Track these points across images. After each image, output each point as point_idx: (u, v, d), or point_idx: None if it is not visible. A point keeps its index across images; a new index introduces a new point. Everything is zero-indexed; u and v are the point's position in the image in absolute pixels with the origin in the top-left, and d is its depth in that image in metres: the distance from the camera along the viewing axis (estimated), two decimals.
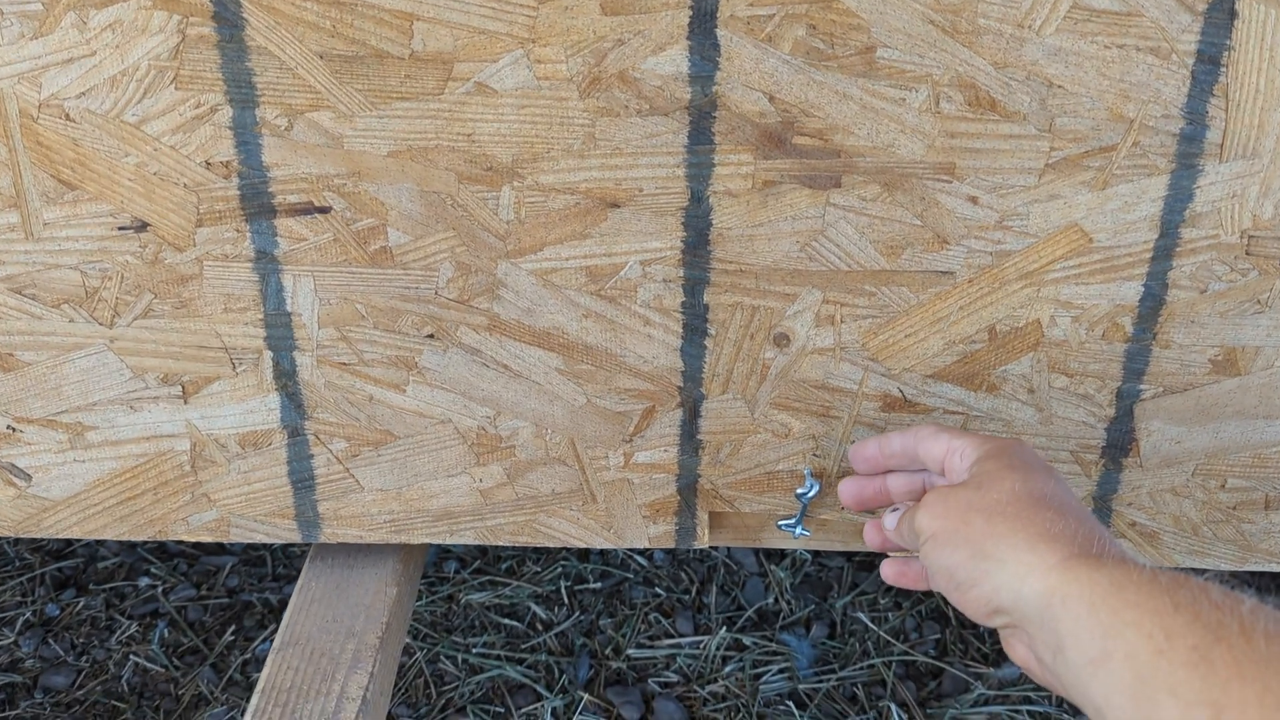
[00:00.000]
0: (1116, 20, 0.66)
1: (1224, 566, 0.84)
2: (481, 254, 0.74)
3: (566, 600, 1.29)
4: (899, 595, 1.30)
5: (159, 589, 1.30)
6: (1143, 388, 0.77)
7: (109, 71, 0.69)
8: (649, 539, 0.84)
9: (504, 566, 1.35)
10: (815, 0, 0.66)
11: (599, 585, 1.31)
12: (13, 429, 0.80)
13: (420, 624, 1.26)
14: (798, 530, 0.82)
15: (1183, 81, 0.67)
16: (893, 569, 0.72)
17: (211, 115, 0.70)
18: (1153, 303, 0.74)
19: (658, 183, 0.71)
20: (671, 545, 0.84)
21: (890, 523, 0.70)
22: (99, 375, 0.78)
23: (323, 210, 0.73)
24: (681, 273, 0.74)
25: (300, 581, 0.86)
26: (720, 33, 0.67)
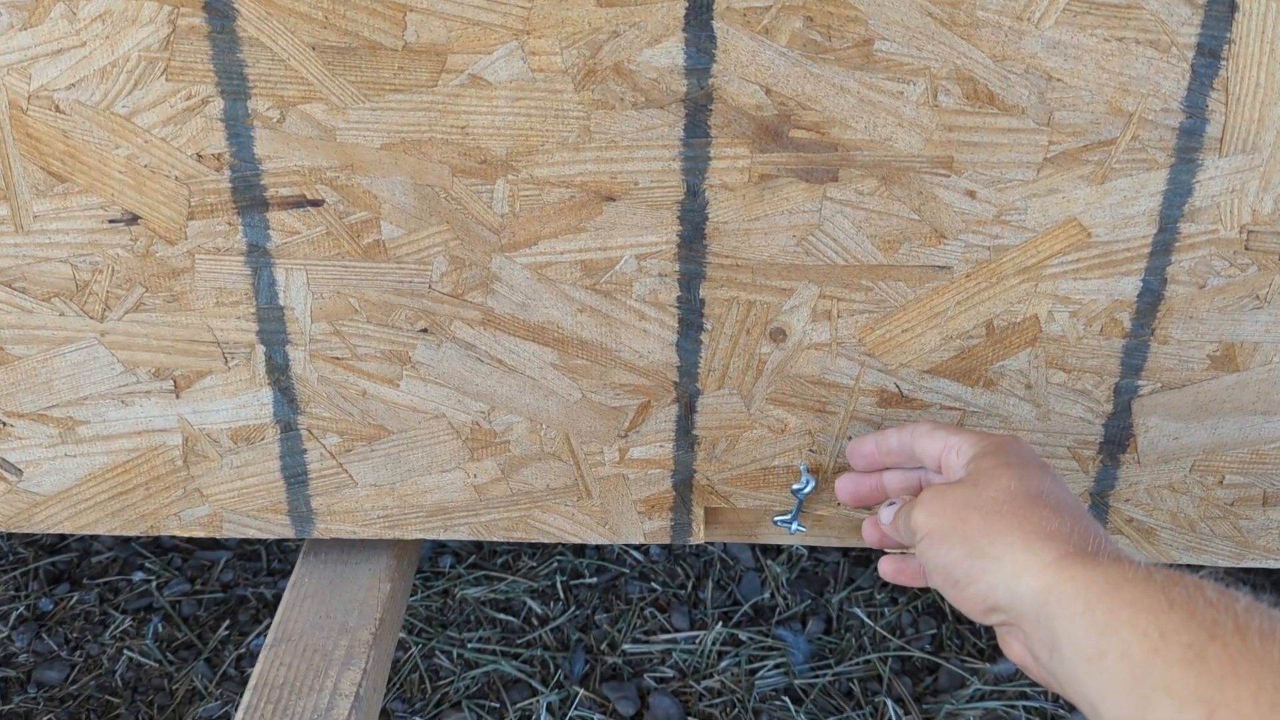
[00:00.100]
0: (1116, 13, 0.66)
1: (1221, 563, 0.84)
2: (475, 248, 0.73)
3: (562, 595, 1.29)
4: (895, 590, 1.30)
5: (153, 584, 1.30)
6: (1141, 383, 0.77)
7: (99, 63, 0.68)
8: (644, 535, 0.83)
9: (499, 561, 1.34)
10: None
11: (595, 580, 1.31)
12: (3, 423, 0.79)
13: (415, 618, 1.26)
14: (794, 526, 0.82)
15: (1182, 75, 0.67)
16: (891, 565, 0.72)
17: (203, 107, 0.69)
18: (1151, 298, 0.74)
19: (653, 176, 0.71)
20: (667, 541, 0.84)
21: (886, 516, 0.70)
22: (90, 369, 0.77)
23: (315, 203, 0.72)
24: (677, 267, 0.74)
25: (293, 577, 0.86)
26: (716, 25, 0.66)
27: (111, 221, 0.73)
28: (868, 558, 1.34)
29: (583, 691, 1.16)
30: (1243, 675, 0.44)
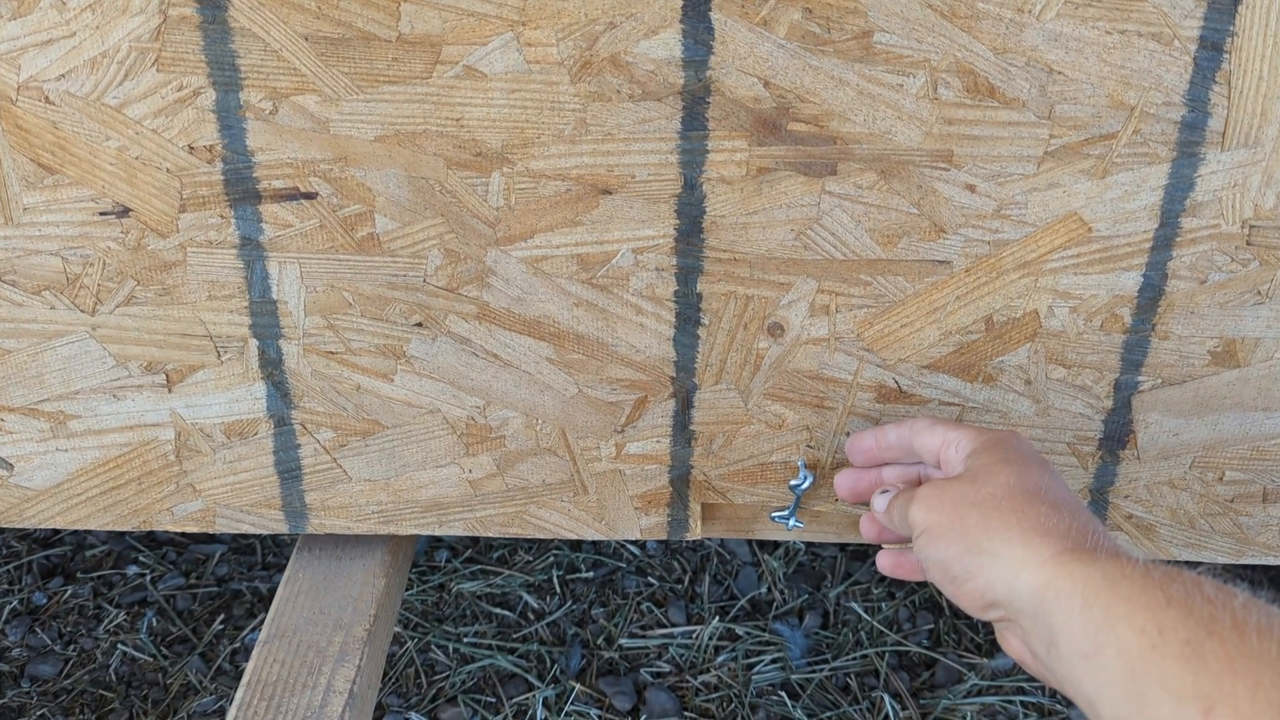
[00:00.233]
0: (1118, 5, 0.65)
1: (1221, 559, 0.83)
2: (471, 241, 0.73)
3: (558, 589, 1.29)
4: (892, 585, 1.30)
5: (147, 577, 1.30)
6: (1141, 379, 0.76)
7: (89, 53, 0.67)
8: (641, 530, 0.83)
9: (495, 555, 1.34)
10: None
11: (591, 574, 1.31)
12: None
13: (411, 613, 1.26)
14: (791, 522, 0.82)
15: (1185, 68, 0.66)
16: (889, 559, 0.72)
17: (194, 98, 0.68)
18: (1152, 293, 0.73)
19: (650, 169, 0.70)
20: (664, 537, 0.83)
21: (880, 505, 0.69)
22: (81, 363, 0.77)
23: (309, 196, 0.71)
24: (674, 261, 0.73)
25: (287, 573, 0.85)
26: (714, 16, 0.66)
27: (102, 214, 0.72)
28: (865, 553, 1.33)
29: (579, 686, 1.16)
30: (1240, 672, 0.44)
